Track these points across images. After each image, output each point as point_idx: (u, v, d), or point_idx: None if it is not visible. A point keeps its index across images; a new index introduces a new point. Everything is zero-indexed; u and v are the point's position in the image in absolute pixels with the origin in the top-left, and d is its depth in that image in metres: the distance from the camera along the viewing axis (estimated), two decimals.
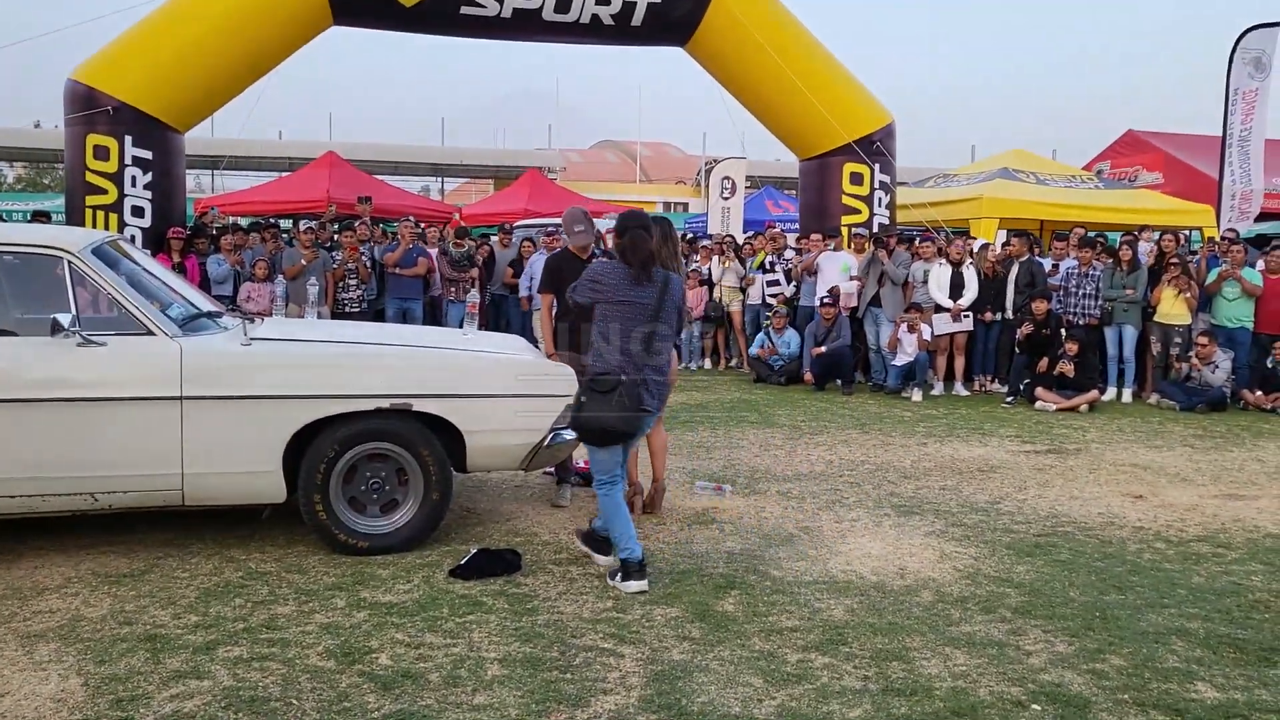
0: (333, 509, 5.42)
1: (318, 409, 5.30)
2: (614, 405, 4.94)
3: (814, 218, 13.97)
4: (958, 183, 16.45)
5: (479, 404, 5.49)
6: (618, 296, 5.05)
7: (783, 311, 12.86)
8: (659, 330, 5.06)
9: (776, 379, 12.59)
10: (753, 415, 10.31)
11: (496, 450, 5.62)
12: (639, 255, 5.06)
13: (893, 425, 9.88)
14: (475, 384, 5.52)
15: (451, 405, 5.49)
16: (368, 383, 5.38)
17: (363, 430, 5.39)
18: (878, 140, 13.61)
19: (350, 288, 12.03)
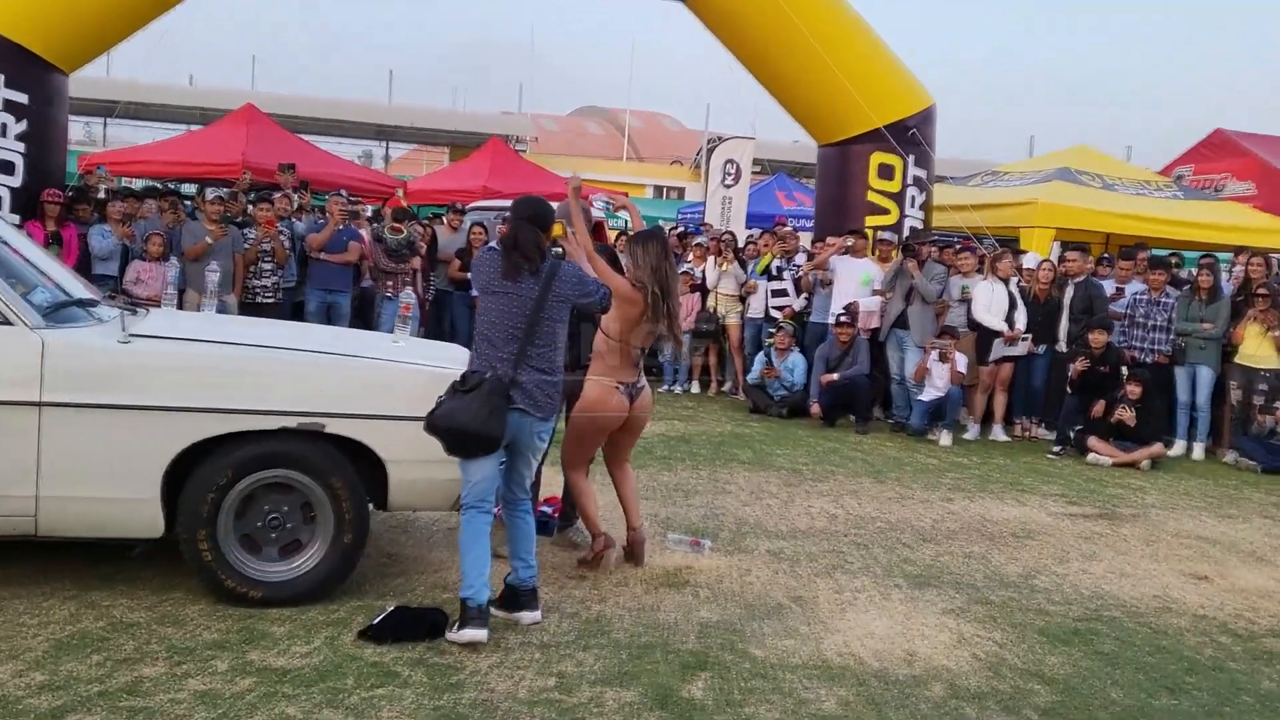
0: (221, 549, 5.39)
1: (208, 425, 5.28)
2: (472, 403, 5.14)
3: (832, 216, 14.05)
4: (1008, 182, 16.58)
5: (407, 427, 5.47)
6: (492, 287, 5.38)
7: (789, 329, 12.93)
8: (542, 326, 5.33)
9: (777, 410, 12.65)
10: (745, 454, 10.34)
11: (425, 485, 5.60)
12: (518, 250, 5.33)
13: (914, 474, 9.93)
14: (403, 403, 5.51)
15: (373, 428, 5.48)
16: (272, 396, 5.38)
17: (263, 454, 5.38)
18: (914, 126, 13.71)
19: (264, 273, 12.02)
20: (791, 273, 13.58)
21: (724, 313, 14.07)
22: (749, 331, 14.08)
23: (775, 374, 12.83)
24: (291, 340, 5.86)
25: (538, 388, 5.35)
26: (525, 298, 5.34)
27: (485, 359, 5.32)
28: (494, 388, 5.20)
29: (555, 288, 5.40)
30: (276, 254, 12.02)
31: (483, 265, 5.48)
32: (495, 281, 5.38)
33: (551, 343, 5.41)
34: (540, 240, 5.41)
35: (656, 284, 6.21)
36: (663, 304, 6.23)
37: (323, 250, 12.26)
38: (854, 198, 13.87)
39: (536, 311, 5.33)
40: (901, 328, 12.29)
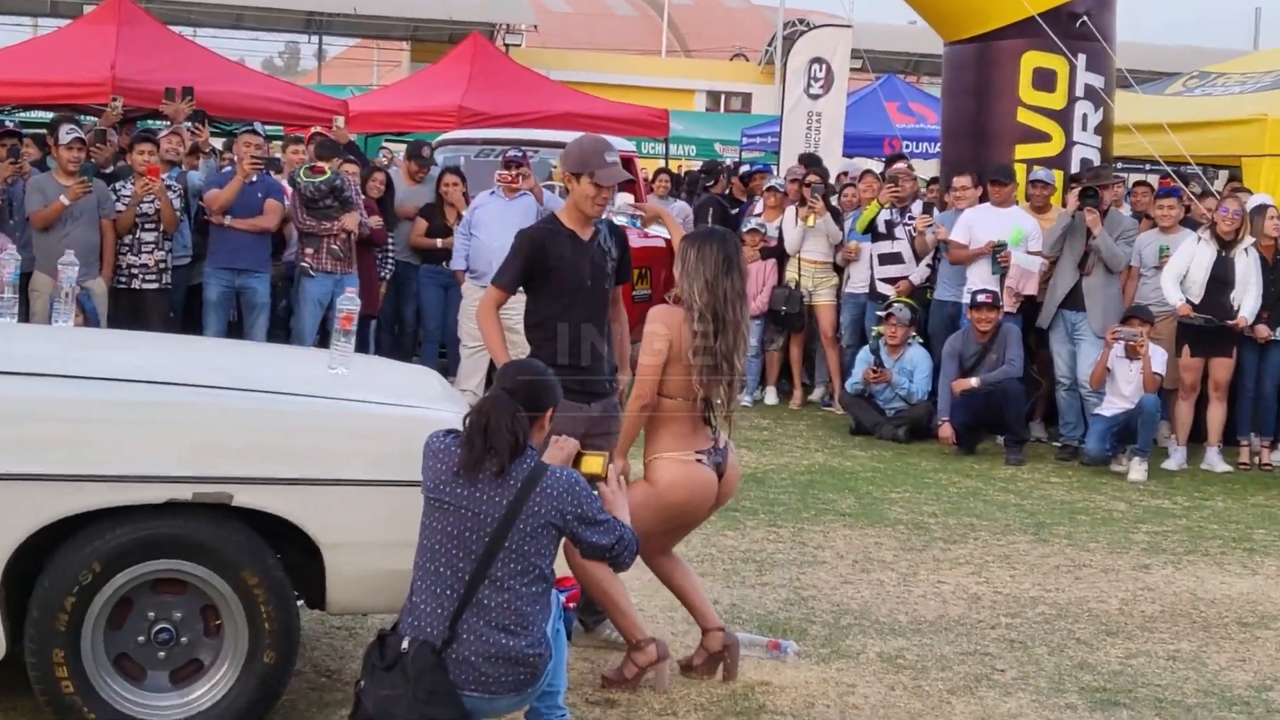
0: (86, 675, 5.39)
1: (61, 500, 5.28)
2: (401, 693, 5.02)
3: (966, 146, 13.97)
4: (1224, 88, 16.42)
5: (351, 496, 5.48)
6: (438, 493, 5.20)
7: (905, 313, 12.87)
8: (504, 563, 5.12)
9: (890, 431, 12.63)
10: (845, 500, 10.32)
11: (377, 579, 5.60)
12: (485, 436, 5.12)
13: (1092, 528, 9.87)
14: (346, 461, 5.52)
15: (302, 497, 5.49)
16: (154, 454, 5.37)
17: (143, 538, 5.38)
18: (1085, 12, 13.58)
19: (144, 246, 12.04)
20: (908, 229, 13.53)
21: (810, 288, 14.06)
22: (847, 315, 14.04)
23: (886, 378, 12.80)
24: (181, 367, 5.85)
25: (494, 660, 5.11)
26: (483, 516, 5.14)
27: (418, 609, 5.15)
28: (421, 665, 5.01)
29: (533, 503, 5.16)
30: (163, 218, 12.03)
31: (432, 461, 5.25)
32: (444, 484, 5.18)
33: (519, 594, 5.14)
34: (523, 429, 5.16)
35: (710, 307, 6.21)
36: (714, 337, 6.22)
37: (227, 213, 12.27)
38: (998, 119, 13.72)
39: (499, 538, 5.08)
40: (1072, 308, 12.20)
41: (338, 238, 12.40)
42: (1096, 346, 11.96)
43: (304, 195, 12.33)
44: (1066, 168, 13.49)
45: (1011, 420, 12.10)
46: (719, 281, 6.21)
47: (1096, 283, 12.09)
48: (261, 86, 19.13)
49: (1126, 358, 11.65)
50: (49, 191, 11.62)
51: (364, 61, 53.45)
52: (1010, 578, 8.54)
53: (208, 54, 19.72)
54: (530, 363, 5.51)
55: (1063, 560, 8.99)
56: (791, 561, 8.63)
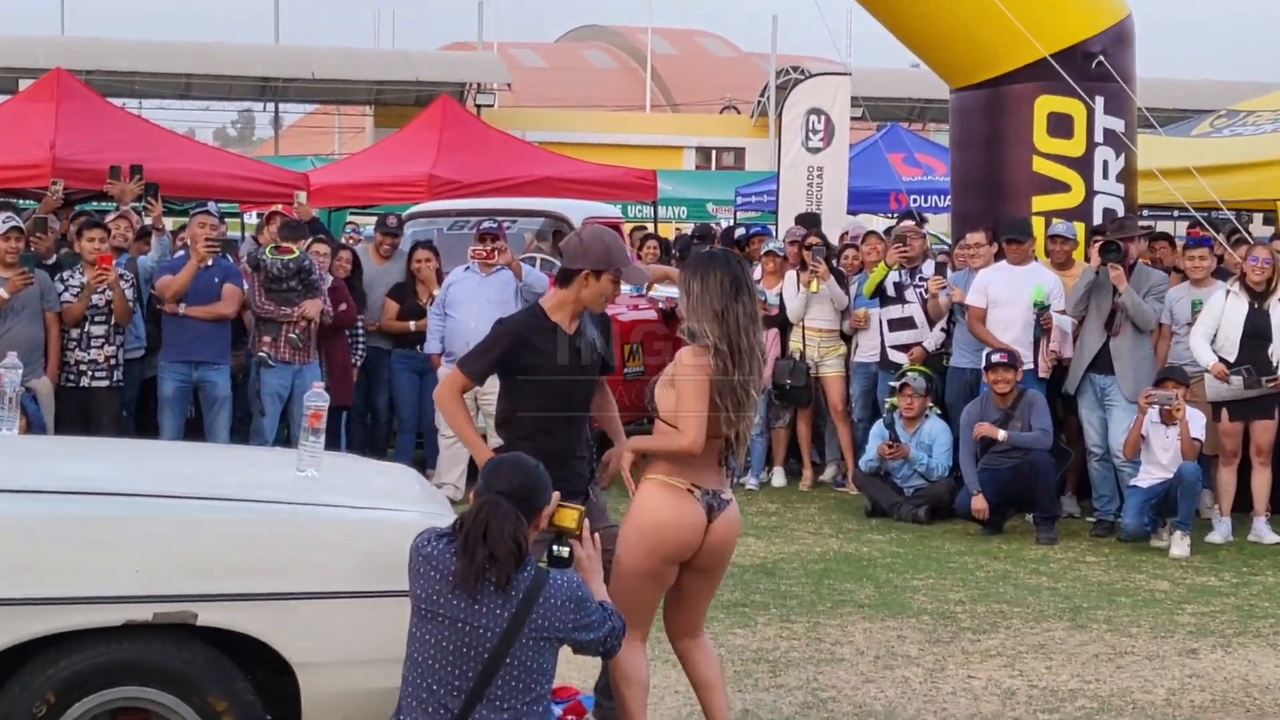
0: None
1: (8, 627, 5.26)
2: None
3: (979, 200, 14.03)
4: (1256, 127, 16.51)
5: (325, 611, 5.48)
6: (432, 607, 5.14)
7: (920, 382, 12.88)
8: (506, 679, 5.09)
9: (910, 511, 12.64)
10: (864, 589, 10.30)
11: (357, 699, 5.58)
12: (486, 545, 5.07)
13: (1132, 610, 9.85)
14: (320, 573, 5.53)
15: (272, 615, 5.47)
16: (108, 574, 5.36)
17: (101, 665, 5.36)
18: (1100, 51, 13.67)
19: (94, 341, 12.04)
20: (919, 291, 13.56)
21: (817, 359, 14.05)
22: (857, 386, 14.04)
23: (903, 453, 12.80)
24: (136, 477, 5.87)
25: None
26: (483, 631, 5.11)
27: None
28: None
29: (536, 617, 5.14)
30: (115, 310, 12.05)
31: (424, 566, 5.20)
32: (438, 595, 5.14)
33: (515, 708, 5.14)
34: (523, 533, 5.13)
35: (724, 338, 6.22)
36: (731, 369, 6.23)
37: (182, 300, 12.30)
38: (1011, 169, 13.80)
39: (498, 655, 5.06)
40: (1101, 372, 12.23)
41: (298, 325, 12.42)
42: (1129, 412, 11.96)
43: (268, 273, 12.36)
44: (1088, 219, 13.51)
45: (1041, 495, 12.07)
46: (728, 309, 6.18)
47: (1125, 343, 12.11)
48: (214, 161, 19.19)
49: (1162, 423, 11.64)
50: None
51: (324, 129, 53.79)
52: (1046, 669, 8.50)
53: (154, 128, 19.79)
54: (520, 460, 5.42)
55: (1102, 648, 8.95)
56: (808, 660, 8.58)
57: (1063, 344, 12.58)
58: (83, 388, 12.05)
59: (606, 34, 66.35)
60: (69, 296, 12.00)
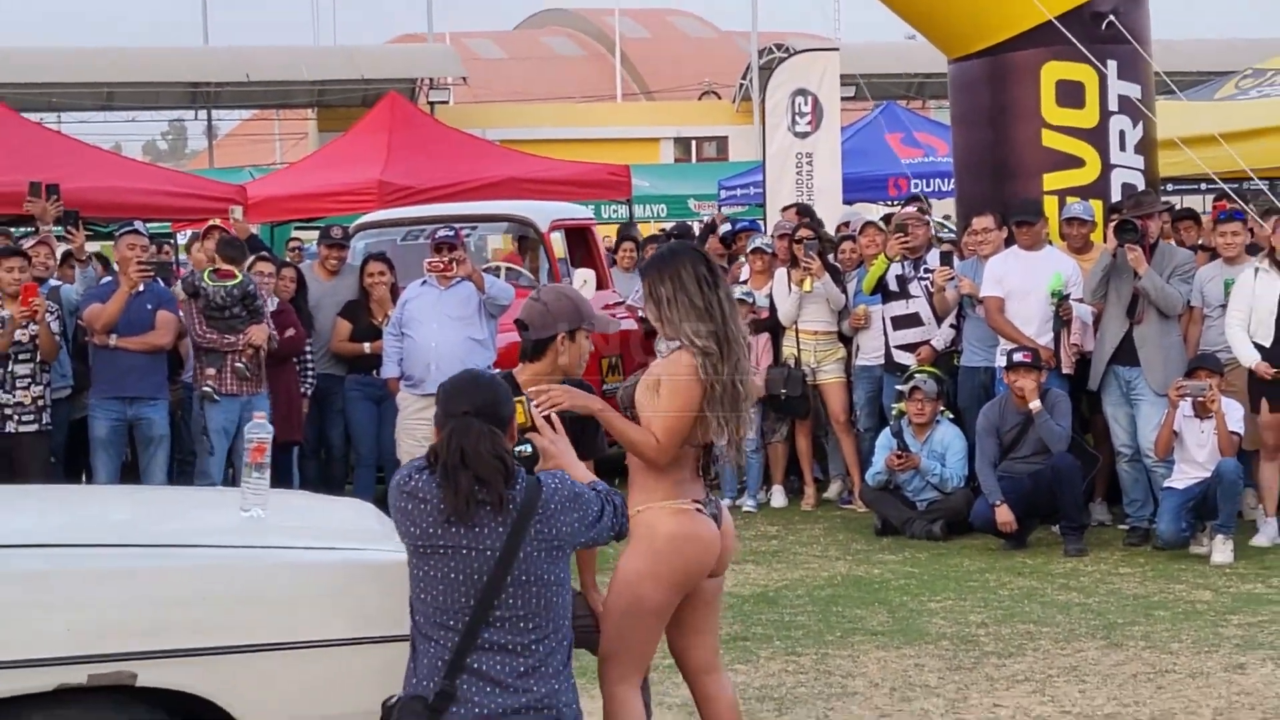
0: None
1: None
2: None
3: (985, 181, 14.08)
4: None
5: (277, 663, 5.51)
6: (426, 540, 5.25)
7: (930, 385, 12.90)
8: (511, 598, 5.21)
9: (923, 527, 12.66)
10: (876, 616, 10.31)
11: None
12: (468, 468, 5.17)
13: (1174, 625, 9.85)
14: (269, 621, 5.54)
15: (218, 670, 5.48)
16: (36, 635, 5.37)
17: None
18: (1110, 9, 13.72)
19: (18, 381, 12.02)
20: (924, 284, 13.58)
21: (813, 365, 14.06)
22: (861, 393, 14.05)
23: (914, 464, 12.82)
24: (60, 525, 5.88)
25: (515, 715, 5.17)
26: (489, 552, 5.17)
27: (423, 672, 5.26)
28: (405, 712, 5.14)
29: (539, 527, 5.23)
30: (42, 346, 12.01)
31: (405, 502, 5.31)
32: (433, 528, 5.23)
33: (541, 627, 5.27)
34: (503, 447, 5.24)
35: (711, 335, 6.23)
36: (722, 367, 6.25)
37: (113, 331, 12.29)
38: (1019, 145, 13.84)
39: (501, 574, 5.15)
40: (1125, 364, 12.26)
41: (244, 354, 12.41)
42: (1158, 407, 11.96)
43: (209, 301, 12.35)
44: (1106, 196, 13.53)
45: (1067, 504, 12.07)
46: (710, 303, 6.20)
47: (1150, 331, 12.12)
48: (141, 177, 19.13)
49: (1196, 417, 11.66)
50: None
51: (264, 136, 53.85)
52: (1080, 694, 8.51)
53: (73, 143, 19.76)
54: (475, 375, 5.54)
55: (1141, 667, 8.95)
56: (817, 696, 8.58)
57: (1084, 336, 12.61)
58: (7, 433, 11.94)
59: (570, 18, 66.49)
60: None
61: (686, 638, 6.62)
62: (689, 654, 6.65)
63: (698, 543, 6.29)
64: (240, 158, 44.81)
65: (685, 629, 6.58)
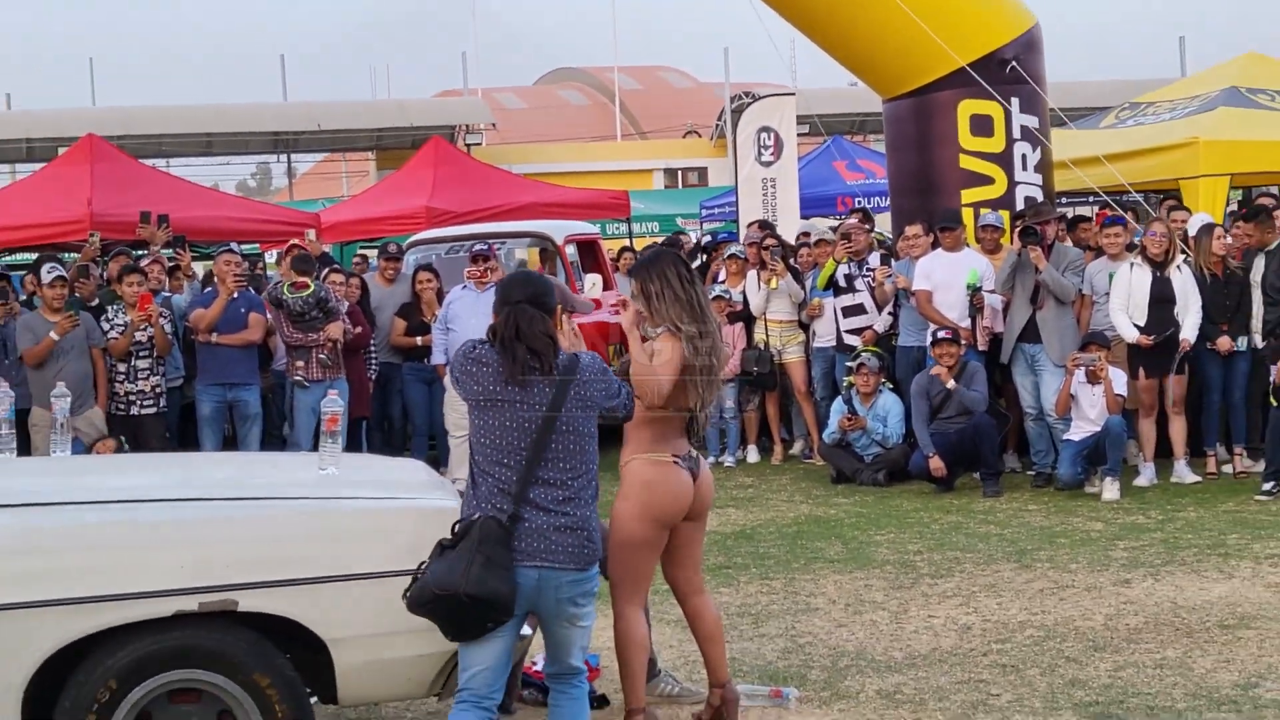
0: None
1: (72, 623, 5.31)
2: (458, 560, 5.20)
3: (914, 196, 14.05)
4: (1155, 116, 16.55)
5: (352, 592, 5.51)
6: (491, 396, 5.45)
7: (873, 361, 12.91)
8: (559, 444, 5.43)
9: (870, 476, 12.68)
10: (833, 547, 10.32)
11: (385, 667, 5.63)
12: (522, 342, 5.41)
13: (1071, 549, 9.89)
14: (345, 557, 5.56)
15: (304, 597, 5.51)
16: (157, 569, 5.41)
17: (155, 652, 5.41)
18: (1013, 57, 13.71)
19: (139, 374, 12.08)
20: (866, 280, 13.58)
21: (780, 347, 14.08)
22: (818, 369, 14.08)
23: (861, 424, 12.84)
24: (176, 485, 5.90)
25: (556, 532, 5.35)
26: (537, 405, 5.39)
27: (485, 499, 5.37)
28: (485, 534, 5.22)
29: (577, 390, 5.45)
30: (157, 344, 12.11)
31: (471, 368, 5.49)
32: (494, 388, 5.43)
33: (576, 467, 5.46)
34: (550, 328, 5.50)
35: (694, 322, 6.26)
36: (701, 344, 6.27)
37: (214, 330, 12.33)
38: (941, 167, 13.81)
39: (549, 424, 5.37)
40: (1030, 341, 12.29)
41: (325, 347, 12.48)
42: (1057, 375, 12.04)
43: (290, 310, 12.40)
44: (1012, 208, 13.55)
45: (986, 454, 12.12)
46: (691, 297, 6.28)
47: (1049, 315, 12.18)
48: (234, 208, 19.27)
49: (1089, 383, 11.71)
50: (38, 329, 11.68)
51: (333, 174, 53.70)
52: (998, 605, 8.54)
53: (181, 182, 19.84)
54: (527, 273, 5.90)
55: (1046, 583, 8.99)
56: (786, 611, 8.61)
57: (994, 320, 12.64)
58: (132, 415, 12.08)
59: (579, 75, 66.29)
60: (114, 334, 12.05)
61: (675, 568, 6.66)
62: (678, 581, 6.70)
63: (668, 486, 6.33)
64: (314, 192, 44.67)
65: (673, 561, 6.63)
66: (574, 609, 5.45)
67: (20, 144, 35.94)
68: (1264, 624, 7.89)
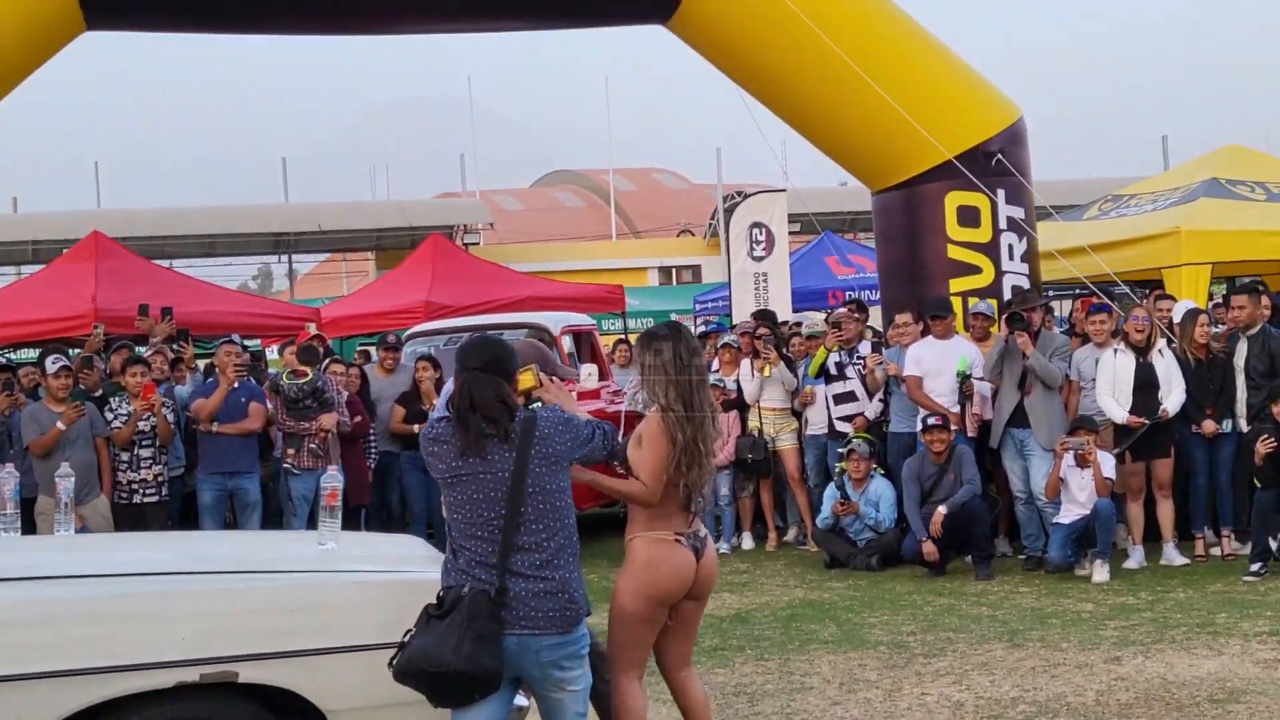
0: None
1: (75, 694, 5.31)
2: (449, 633, 5.19)
3: (903, 285, 14.18)
4: (1138, 208, 16.70)
5: (349, 663, 5.54)
6: (452, 472, 5.48)
7: (864, 448, 12.95)
8: (529, 507, 5.42)
9: (864, 560, 12.68)
10: (827, 629, 10.31)
11: None
12: (476, 412, 5.42)
13: (1063, 629, 9.88)
14: (344, 630, 5.58)
15: (304, 669, 5.54)
16: (158, 642, 5.43)
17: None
18: (998, 150, 13.87)
19: (142, 462, 12.12)
20: (857, 368, 13.66)
21: (773, 434, 14.13)
22: (810, 456, 14.12)
23: (854, 510, 12.85)
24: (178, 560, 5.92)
25: (543, 597, 5.36)
26: (499, 474, 5.40)
27: (464, 570, 5.38)
28: (475, 608, 5.23)
29: (539, 447, 5.45)
30: (159, 433, 12.17)
31: (433, 448, 5.52)
32: (455, 462, 5.44)
33: (551, 527, 5.47)
34: (505, 392, 5.49)
35: (679, 400, 6.27)
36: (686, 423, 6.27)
37: (214, 420, 12.38)
38: (929, 257, 13.97)
39: (517, 489, 5.38)
40: (1018, 426, 12.34)
41: (316, 436, 12.52)
42: (1045, 459, 12.09)
43: (286, 396, 12.48)
44: (1000, 296, 13.67)
45: (978, 538, 12.14)
46: (680, 374, 6.27)
47: (1037, 400, 12.25)
48: (236, 303, 19.36)
49: (1077, 466, 11.74)
50: (43, 419, 11.74)
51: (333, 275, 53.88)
52: (990, 682, 8.53)
53: (183, 278, 19.99)
54: (485, 338, 5.81)
55: (1038, 662, 8.98)
56: (781, 690, 8.59)
57: (983, 407, 12.71)
58: (135, 504, 12.13)
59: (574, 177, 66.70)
60: (118, 423, 12.12)
61: (668, 642, 6.60)
62: (668, 654, 6.64)
63: (670, 565, 6.31)
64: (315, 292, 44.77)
65: (668, 636, 6.58)
66: (560, 673, 5.45)
67: (26, 246, 36.10)
68: (1253, 698, 7.88)
